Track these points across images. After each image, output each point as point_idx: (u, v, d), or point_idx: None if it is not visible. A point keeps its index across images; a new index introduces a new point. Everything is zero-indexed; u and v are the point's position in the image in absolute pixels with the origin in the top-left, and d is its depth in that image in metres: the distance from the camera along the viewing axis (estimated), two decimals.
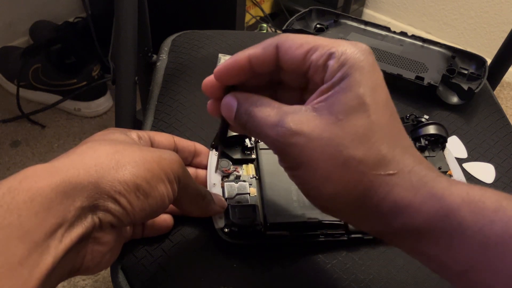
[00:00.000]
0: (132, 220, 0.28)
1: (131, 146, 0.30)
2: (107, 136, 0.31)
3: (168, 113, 0.49)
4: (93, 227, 0.26)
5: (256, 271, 0.36)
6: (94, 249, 0.28)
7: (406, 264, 0.37)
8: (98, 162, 0.27)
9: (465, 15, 1.48)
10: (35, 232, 0.23)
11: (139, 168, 0.28)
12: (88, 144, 0.29)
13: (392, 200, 0.25)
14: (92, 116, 1.19)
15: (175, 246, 0.37)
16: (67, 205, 0.25)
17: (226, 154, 0.41)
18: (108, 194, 0.26)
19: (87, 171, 0.26)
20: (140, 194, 0.28)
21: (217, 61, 0.57)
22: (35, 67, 1.12)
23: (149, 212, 0.29)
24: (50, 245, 0.24)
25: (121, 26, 0.53)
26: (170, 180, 0.30)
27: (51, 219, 0.24)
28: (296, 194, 0.39)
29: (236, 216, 0.36)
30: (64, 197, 0.25)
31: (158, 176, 0.29)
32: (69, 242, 0.25)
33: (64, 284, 0.87)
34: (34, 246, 0.23)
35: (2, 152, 1.07)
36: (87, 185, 0.26)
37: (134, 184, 0.27)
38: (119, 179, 0.27)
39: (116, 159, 0.27)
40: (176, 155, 0.31)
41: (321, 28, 0.62)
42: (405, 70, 0.55)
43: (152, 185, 0.28)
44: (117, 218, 0.27)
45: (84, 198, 0.25)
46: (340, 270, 0.36)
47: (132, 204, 0.27)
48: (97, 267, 0.29)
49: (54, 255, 0.24)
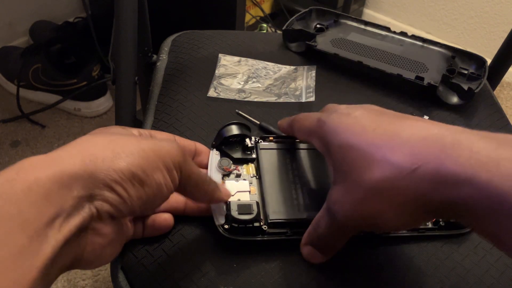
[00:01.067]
0: (130, 209, 0.28)
1: (127, 136, 0.30)
2: (104, 130, 0.31)
3: (168, 113, 0.49)
4: (90, 217, 0.27)
5: (256, 271, 0.36)
6: (94, 240, 0.28)
7: (406, 264, 0.37)
8: (94, 152, 0.27)
9: (465, 15, 1.48)
10: (34, 222, 0.23)
11: (134, 157, 0.28)
12: (84, 137, 0.29)
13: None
14: (92, 116, 1.19)
15: (175, 246, 0.37)
16: (64, 194, 0.25)
17: (227, 153, 0.41)
18: (104, 183, 0.26)
19: (83, 161, 0.26)
20: (136, 182, 0.28)
21: (217, 61, 0.57)
22: (35, 67, 1.12)
23: (147, 200, 0.29)
24: (49, 234, 0.24)
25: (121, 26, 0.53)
26: (169, 168, 0.30)
27: (49, 209, 0.24)
28: (296, 193, 0.39)
29: (237, 212, 0.36)
30: (61, 186, 0.25)
31: (154, 164, 0.29)
32: (68, 232, 0.25)
33: (64, 284, 0.87)
34: (34, 235, 0.23)
35: (2, 152, 1.08)
36: (83, 174, 0.26)
37: (129, 172, 0.27)
38: (114, 167, 0.27)
39: (111, 149, 0.28)
40: (177, 144, 0.31)
41: (321, 28, 0.62)
42: (405, 70, 0.55)
43: (148, 173, 0.28)
44: (115, 207, 0.27)
45: (81, 187, 0.26)
46: (340, 269, 0.36)
47: (128, 192, 0.27)
48: (98, 260, 0.29)
49: (53, 244, 0.24)
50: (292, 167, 0.41)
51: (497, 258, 0.38)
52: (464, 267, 0.38)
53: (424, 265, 0.37)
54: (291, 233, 0.37)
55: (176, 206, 0.37)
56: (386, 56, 0.57)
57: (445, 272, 0.37)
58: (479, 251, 0.39)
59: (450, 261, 0.38)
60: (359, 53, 0.57)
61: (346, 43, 0.59)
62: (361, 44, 0.59)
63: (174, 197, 0.36)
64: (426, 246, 0.39)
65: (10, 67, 1.18)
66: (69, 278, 0.88)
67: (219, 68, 0.56)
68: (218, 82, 0.53)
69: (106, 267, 0.89)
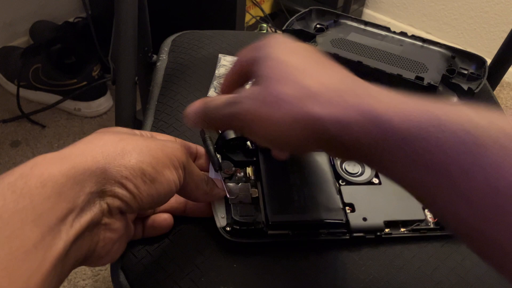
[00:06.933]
0: (139, 205, 0.29)
1: (135, 135, 0.31)
2: (109, 130, 0.32)
3: (168, 113, 0.49)
4: (101, 212, 0.27)
5: (256, 271, 0.36)
6: (106, 236, 0.28)
7: (406, 264, 0.38)
8: (105, 149, 0.28)
9: (465, 15, 1.48)
10: (47, 216, 0.24)
11: (144, 154, 0.29)
12: (93, 134, 0.30)
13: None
14: (92, 116, 1.19)
15: (175, 246, 0.37)
16: (77, 190, 0.25)
17: (228, 156, 0.41)
18: (115, 179, 0.27)
19: (95, 157, 0.27)
20: (146, 179, 0.28)
21: (217, 61, 0.57)
22: (35, 67, 1.12)
23: (157, 197, 0.29)
24: (62, 229, 0.24)
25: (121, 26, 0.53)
26: (176, 167, 0.30)
27: (63, 204, 0.25)
28: (297, 194, 0.39)
29: (238, 214, 0.36)
30: (74, 182, 0.25)
31: (163, 162, 0.29)
32: (79, 228, 0.25)
33: (64, 284, 0.87)
34: (47, 230, 0.24)
35: (2, 152, 1.07)
36: (95, 171, 0.26)
37: (140, 169, 0.28)
38: (125, 164, 0.27)
39: (122, 146, 0.28)
40: (179, 143, 0.32)
41: (321, 28, 0.62)
42: (405, 70, 0.55)
43: (158, 170, 0.29)
44: (125, 203, 0.28)
45: (93, 183, 0.26)
46: (340, 270, 0.37)
47: (139, 189, 0.28)
48: (108, 256, 0.30)
49: (65, 239, 0.24)
50: (293, 169, 0.41)
51: None
52: (464, 267, 0.38)
53: (424, 265, 0.37)
54: (292, 235, 0.37)
55: (176, 206, 0.37)
56: (386, 56, 0.57)
57: (445, 272, 0.37)
58: None
59: (450, 261, 0.38)
60: (359, 53, 0.57)
61: (346, 43, 0.59)
62: (361, 44, 0.59)
63: (174, 198, 0.36)
64: (426, 246, 0.39)
65: (10, 67, 1.17)
66: (69, 278, 0.88)
67: (219, 68, 0.56)
68: (218, 82, 0.53)
69: (106, 267, 0.89)
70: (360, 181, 0.41)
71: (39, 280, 0.23)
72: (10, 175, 0.24)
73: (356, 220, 0.38)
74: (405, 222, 0.39)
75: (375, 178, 0.41)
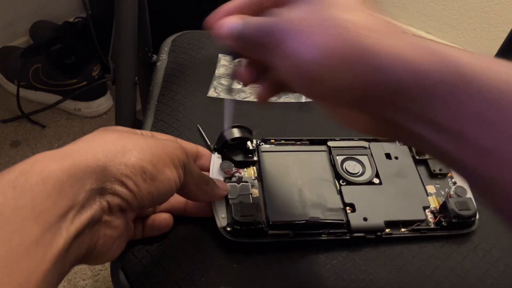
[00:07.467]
0: (139, 203, 0.29)
1: (135, 134, 0.31)
2: (110, 128, 0.32)
3: (168, 113, 0.49)
4: (101, 210, 0.27)
5: (256, 271, 0.36)
6: (106, 233, 0.29)
7: (406, 264, 0.38)
8: (105, 147, 0.28)
9: (465, 15, 1.48)
10: (48, 213, 0.24)
11: (145, 153, 0.29)
12: (94, 133, 0.30)
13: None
14: (92, 116, 1.19)
15: (175, 246, 0.37)
16: (77, 187, 0.25)
17: (228, 156, 0.41)
18: (115, 177, 0.27)
19: (95, 155, 0.27)
20: (147, 177, 0.28)
21: (217, 61, 0.57)
22: (35, 67, 1.11)
23: (157, 195, 0.29)
24: (62, 226, 0.24)
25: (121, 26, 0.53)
26: (176, 165, 0.30)
27: (63, 201, 0.25)
28: (298, 194, 0.39)
29: (239, 214, 0.36)
30: (74, 180, 0.25)
31: (164, 160, 0.29)
32: (80, 225, 0.25)
33: (64, 284, 0.87)
34: (47, 227, 0.24)
35: (2, 152, 1.07)
36: (95, 168, 0.26)
37: (140, 167, 0.28)
38: (126, 162, 0.28)
39: (122, 144, 0.28)
40: (179, 143, 0.32)
41: None
42: None
43: (159, 168, 0.29)
44: (125, 200, 0.28)
45: (93, 181, 0.26)
46: (340, 270, 0.37)
47: (139, 187, 0.28)
48: (108, 254, 0.30)
49: (65, 236, 0.24)
50: (294, 169, 0.41)
51: (497, 258, 0.38)
52: (464, 267, 0.38)
53: (424, 265, 0.37)
54: (293, 235, 0.37)
55: (176, 206, 0.37)
56: None
57: (445, 272, 0.37)
58: (479, 251, 0.39)
59: (450, 261, 0.38)
60: None
61: None
62: None
63: (174, 197, 0.36)
64: (426, 246, 0.39)
65: (10, 67, 1.17)
66: (69, 278, 0.88)
67: (219, 68, 0.56)
68: (218, 82, 0.53)
69: (106, 267, 0.89)
70: (360, 181, 0.41)
71: (40, 276, 0.23)
72: (11, 172, 0.24)
73: (357, 220, 0.38)
74: (405, 222, 0.39)
75: (376, 178, 0.41)
